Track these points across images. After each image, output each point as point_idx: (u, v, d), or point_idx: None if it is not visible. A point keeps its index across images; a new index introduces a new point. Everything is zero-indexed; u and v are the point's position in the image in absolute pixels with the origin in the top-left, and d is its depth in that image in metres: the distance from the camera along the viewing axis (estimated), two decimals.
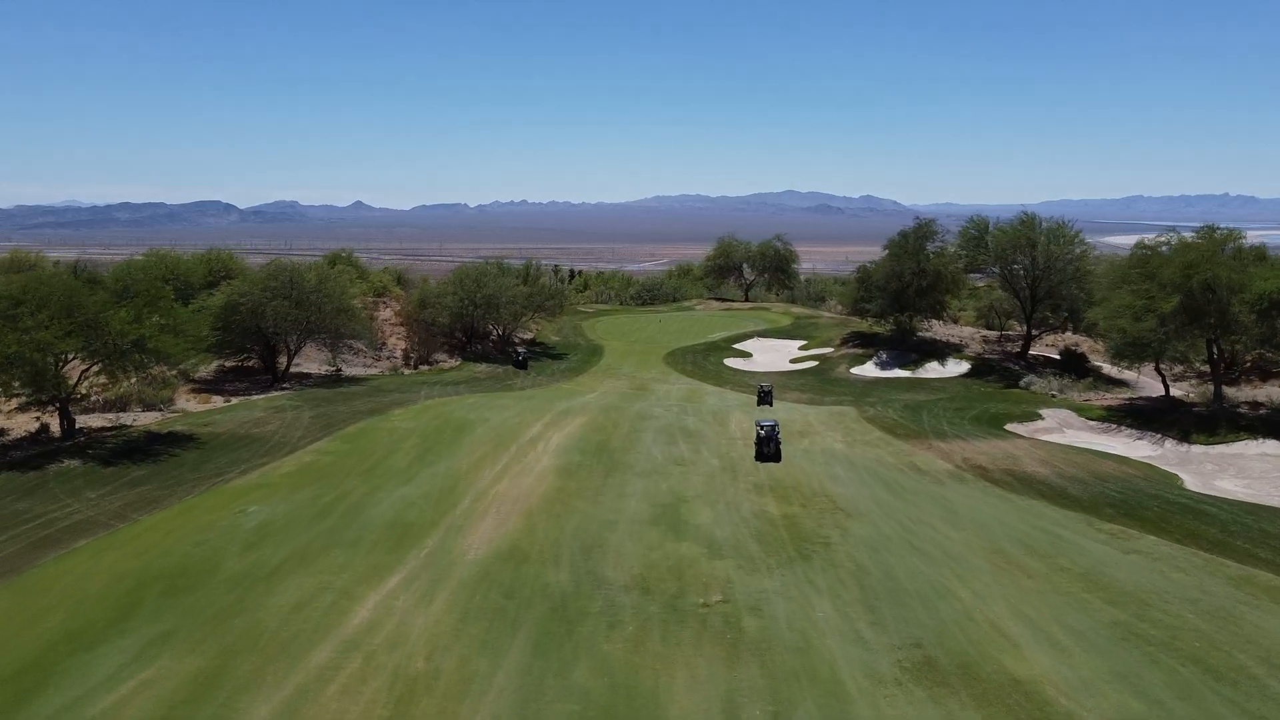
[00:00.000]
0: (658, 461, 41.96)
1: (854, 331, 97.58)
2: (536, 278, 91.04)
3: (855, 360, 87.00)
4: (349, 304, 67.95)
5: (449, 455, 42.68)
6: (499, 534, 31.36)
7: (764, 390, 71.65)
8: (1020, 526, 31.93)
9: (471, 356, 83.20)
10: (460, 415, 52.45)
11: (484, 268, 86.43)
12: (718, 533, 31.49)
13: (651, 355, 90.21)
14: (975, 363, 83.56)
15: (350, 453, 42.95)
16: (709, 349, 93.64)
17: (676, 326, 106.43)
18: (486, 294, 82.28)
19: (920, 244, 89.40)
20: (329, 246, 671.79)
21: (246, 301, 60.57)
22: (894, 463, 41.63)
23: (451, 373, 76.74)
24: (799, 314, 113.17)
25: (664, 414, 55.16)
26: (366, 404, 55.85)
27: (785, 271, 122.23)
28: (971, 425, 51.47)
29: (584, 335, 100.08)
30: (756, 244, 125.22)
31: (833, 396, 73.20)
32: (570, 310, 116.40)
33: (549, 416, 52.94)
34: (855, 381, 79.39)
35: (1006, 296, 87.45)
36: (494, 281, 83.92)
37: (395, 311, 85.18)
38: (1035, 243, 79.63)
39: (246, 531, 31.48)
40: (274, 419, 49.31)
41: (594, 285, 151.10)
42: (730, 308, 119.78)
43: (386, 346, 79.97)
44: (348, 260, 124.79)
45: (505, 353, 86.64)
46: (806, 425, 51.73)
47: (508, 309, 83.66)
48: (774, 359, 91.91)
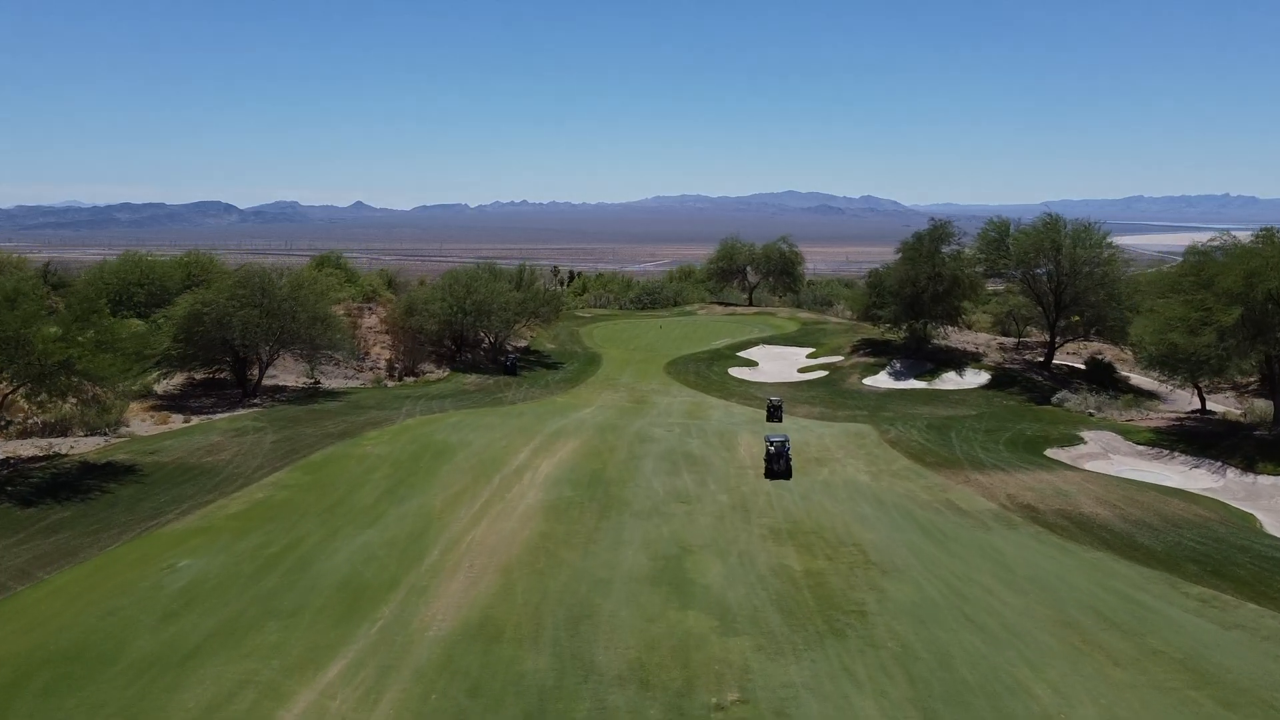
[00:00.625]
0: (659, 497, 36.73)
1: (865, 339, 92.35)
2: (530, 282, 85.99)
3: (867, 370, 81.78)
4: (326, 312, 62.72)
5: (423, 489, 37.46)
6: (470, 598, 26.17)
7: (773, 405, 66.47)
8: (1091, 589, 26.71)
9: (461, 367, 77.98)
10: (440, 438, 47.21)
11: (474, 272, 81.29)
12: (730, 596, 26.29)
13: (652, 364, 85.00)
14: (995, 373, 78.34)
15: (311, 486, 37.73)
16: (712, 358, 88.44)
17: (678, 333, 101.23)
18: (477, 300, 77.10)
19: (935, 247, 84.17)
20: (329, 247, 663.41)
21: (211, 311, 55.34)
22: (928, 499, 36.38)
23: (438, 385, 71.52)
24: (806, 319, 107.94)
25: (665, 436, 49.93)
26: (339, 424, 50.62)
27: (791, 275, 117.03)
28: (1008, 451, 46.21)
29: (581, 342, 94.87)
30: (761, 246, 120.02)
31: (846, 410, 68.02)
32: (567, 315, 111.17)
33: (539, 439, 47.72)
34: (869, 394, 74.17)
35: (1027, 302, 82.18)
36: (485, 287, 78.74)
37: (380, 319, 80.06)
38: (1060, 246, 74.39)
39: (170, 595, 26.29)
40: (231, 444, 44.07)
41: (593, 288, 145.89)
42: (734, 312, 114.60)
43: (370, 356, 74.77)
44: (336, 263, 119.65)
45: (497, 362, 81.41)
46: (823, 450, 46.46)
47: (499, 316, 78.49)
48: (781, 368, 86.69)
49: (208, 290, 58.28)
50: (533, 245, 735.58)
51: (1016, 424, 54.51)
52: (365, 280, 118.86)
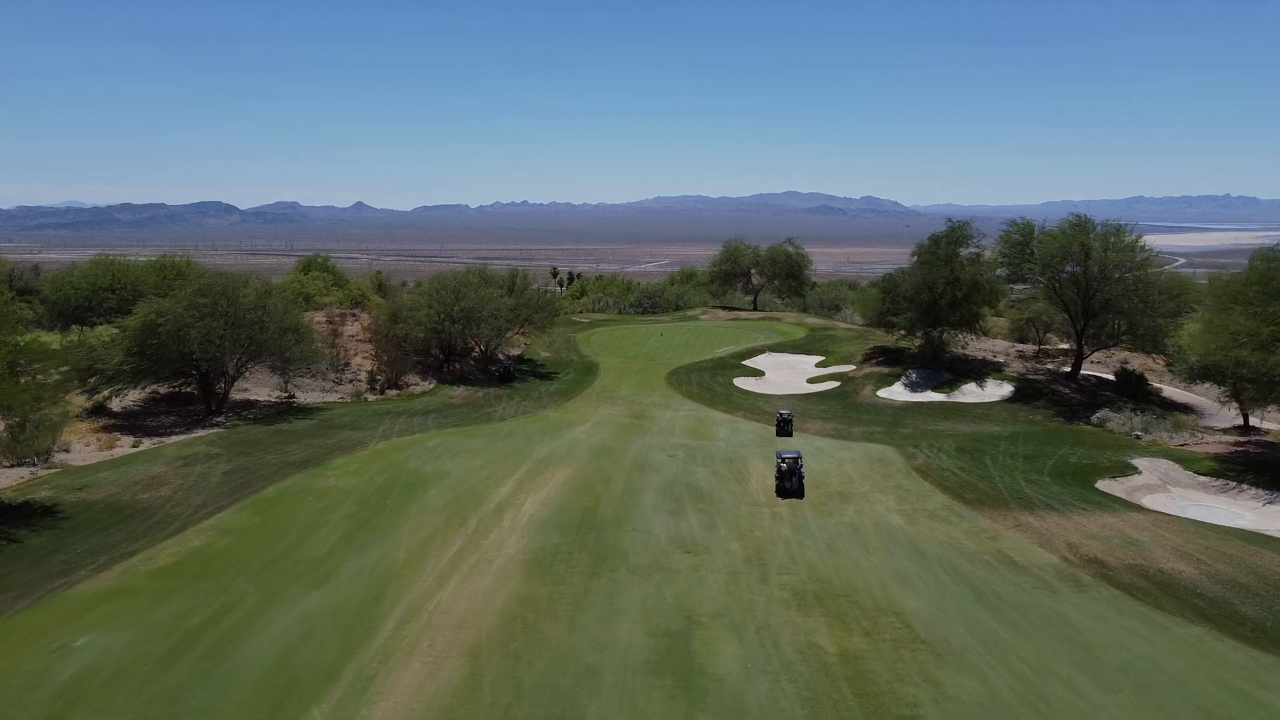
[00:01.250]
0: (660, 545, 31.37)
1: (877, 346, 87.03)
2: (523, 288, 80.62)
3: (882, 381, 76.41)
4: (297, 322, 57.33)
5: (386, 534, 32.11)
6: (424, 695, 20.84)
7: (783, 418, 61.34)
8: (1199, 684, 21.34)
9: (448, 378, 72.62)
10: (414, 467, 41.85)
11: (463, 277, 75.92)
12: (750, 694, 20.95)
13: (652, 375, 79.64)
14: (1018, 384, 73.00)
15: (258, 530, 32.40)
16: (716, 367, 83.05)
17: (679, 340, 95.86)
18: (465, 307, 71.75)
19: (953, 250, 78.82)
20: (330, 247, 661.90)
21: (167, 322, 49.93)
22: (975, 550, 30.98)
23: (423, 399, 66.18)
24: (813, 325, 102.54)
25: (667, 463, 44.56)
26: (305, 449, 45.25)
27: (797, 278, 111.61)
28: (1055, 483, 40.78)
29: (578, 350, 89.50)
30: (765, 248, 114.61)
31: (861, 427, 62.71)
32: (564, 321, 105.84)
33: (525, 467, 42.36)
34: (884, 408, 68.81)
35: (1051, 309, 76.80)
36: (474, 293, 73.39)
37: (363, 326, 74.71)
38: (1089, 249, 69.00)
39: (52, 692, 20.96)
40: (176, 476, 38.73)
41: (591, 291, 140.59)
42: (738, 317, 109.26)
43: (350, 367, 69.40)
44: (324, 266, 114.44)
45: (488, 372, 76.07)
46: (845, 481, 41.07)
47: (490, 324, 73.12)
48: (789, 378, 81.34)
49: (164, 299, 52.86)
50: (533, 245, 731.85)
51: (1057, 448, 49.05)
52: (354, 284, 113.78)
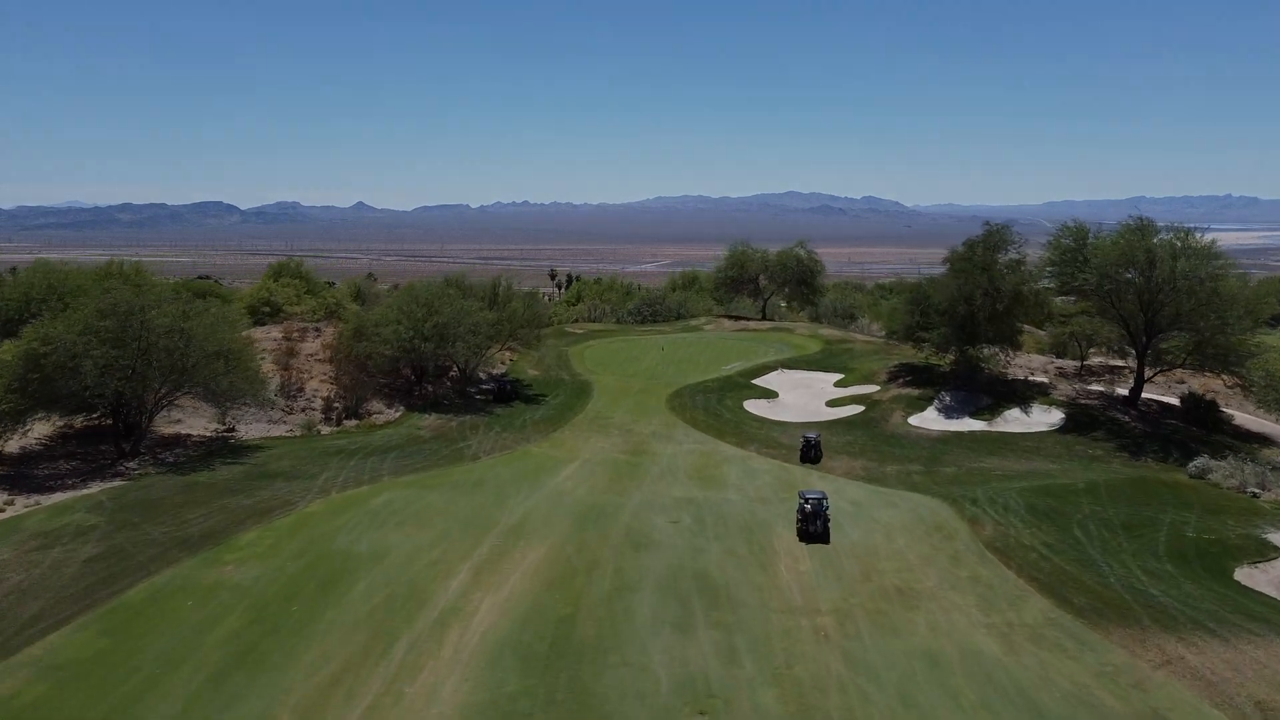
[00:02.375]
0: (661, 696, 21.81)
1: (902, 364, 77.37)
2: (507, 299, 70.83)
3: (911, 405, 66.77)
4: (228, 345, 47.64)
5: (274, 674, 22.56)
6: None
7: (810, 442, 53.78)
8: None
9: (419, 404, 63.04)
10: (344, 545, 32.28)
11: (438, 288, 66.08)
12: None
13: (652, 396, 70.02)
14: (1069, 410, 63.40)
15: (97, 666, 22.86)
16: (724, 387, 73.40)
17: (682, 354, 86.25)
18: (439, 323, 62.16)
19: (991, 256, 69.26)
20: (330, 247, 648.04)
21: (54, 351, 40.30)
22: (1122, 710, 21.31)
23: (385, 431, 56.66)
24: (829, 337, 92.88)
25: (669, 533, 34.99)
26: (212, 514, 35.66)
27: (810, 285, 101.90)
28: (1180, 573, 31.10)
29: (570, 367, 79.84)
30: (775, 252, 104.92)
31: (895, 463, 53.21)
32: (555, 332, 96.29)
33: (489, 542, 32.82)
34: (919, 439, 59.23)
35: (1105, 324, 67.10)
36: (450, 306, 63.75)
37: (323, 344, 65.14)
38: (1154, 257, 59.41)
39: None
40: (21, 565, 29.17)
41: (588, 297, 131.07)
42: (745, 328, 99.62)
43: (305, 393, 59.78)
44: (296, 271, 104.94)
45: (466, 395, 66.57)
46: (901, 566, 31.40)
47: (467, 341, 63.49)
48: (806, 400, 71.72)
49: (55, 322, 43.14)
50: (534, 245, 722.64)
51: (1159, 511, 39.25)
52: (328, 293, 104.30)
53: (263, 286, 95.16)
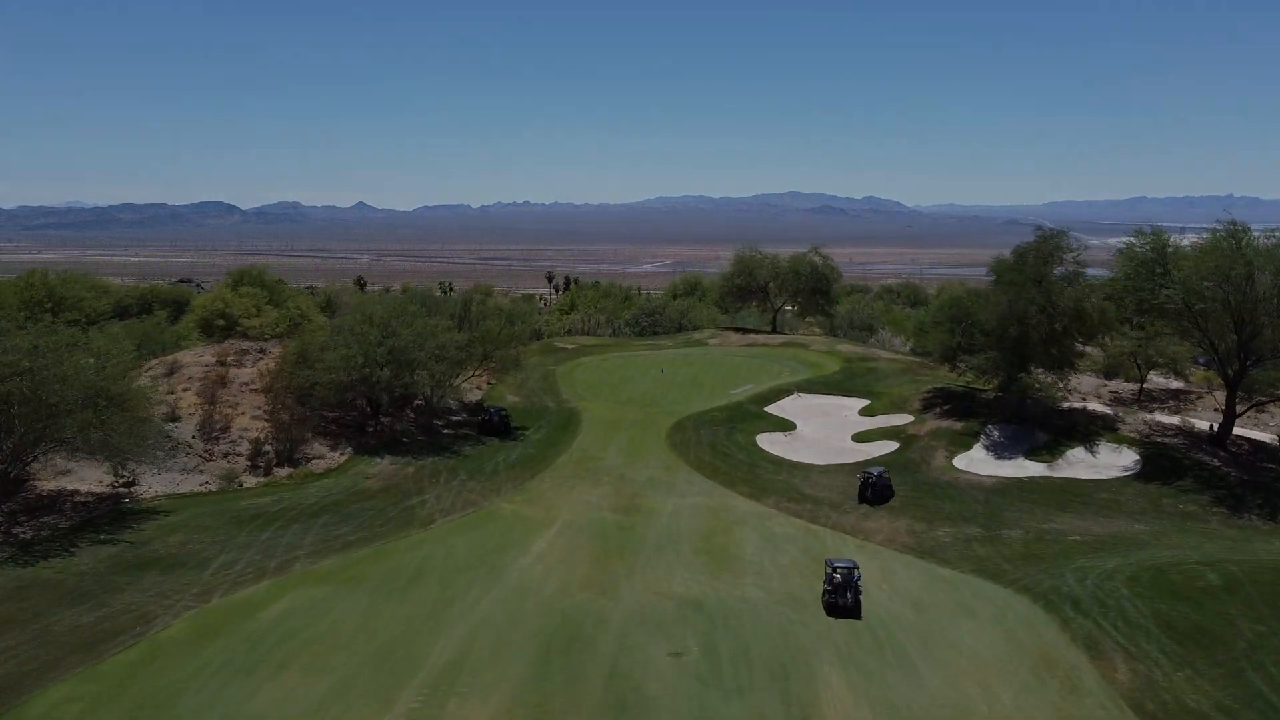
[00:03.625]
0: None
1: (937, 388, 66.90)
2: (480, 316, 60.02)
3: (954, 441, 56.30)
4: (105, 386, 37.16)
5: None
6: None
7: (873, 480, 46.60)
8: None
9: (372, 443, 52.60)
10: (184, 713, 21.84)
11: (398, 305, 55.31)
12: None
13: (650, 429, 59.60)
14: (1144, 450, 53.02)
15: None
16: (732, 416, 62.95)
17: (684, 375, 75.77)
18: (394, 347, 51.70)
19: (1043, 267, 58.90)
20: (330, 247, 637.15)
21: None
22: None
23: (323, 483, 46.24)
24: (848, 354, 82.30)
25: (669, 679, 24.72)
26: (21, 648, 25.20)
27: (825, 295, 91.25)
28: None
29: (556, 391, 69.33)
30: (787, 258, 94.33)
31: (947, 524, 42.97)
32: (544, 347, 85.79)
33: (404, 701, 22.42)
34: (970, 488, 48.81)
35: (1188, 347, 56.67)
36: (409, 327, 53.27)
37: (260, 371, 54.62)
38: (1252, 269, 48.98)
39: None
40: None
41: (583, 306, 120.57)
42: (754, 342, 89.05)
43: (230, 433, 49.26)
44: (259, 279, 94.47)
45: (433, 430, 56.21)
46: None
47: (431, 368, 52.98)
48: (829, 432, 61.29)
49: None
50: (535, 245, 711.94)
51: None
52: (294, 303, 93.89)
53: (217, 296, 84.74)
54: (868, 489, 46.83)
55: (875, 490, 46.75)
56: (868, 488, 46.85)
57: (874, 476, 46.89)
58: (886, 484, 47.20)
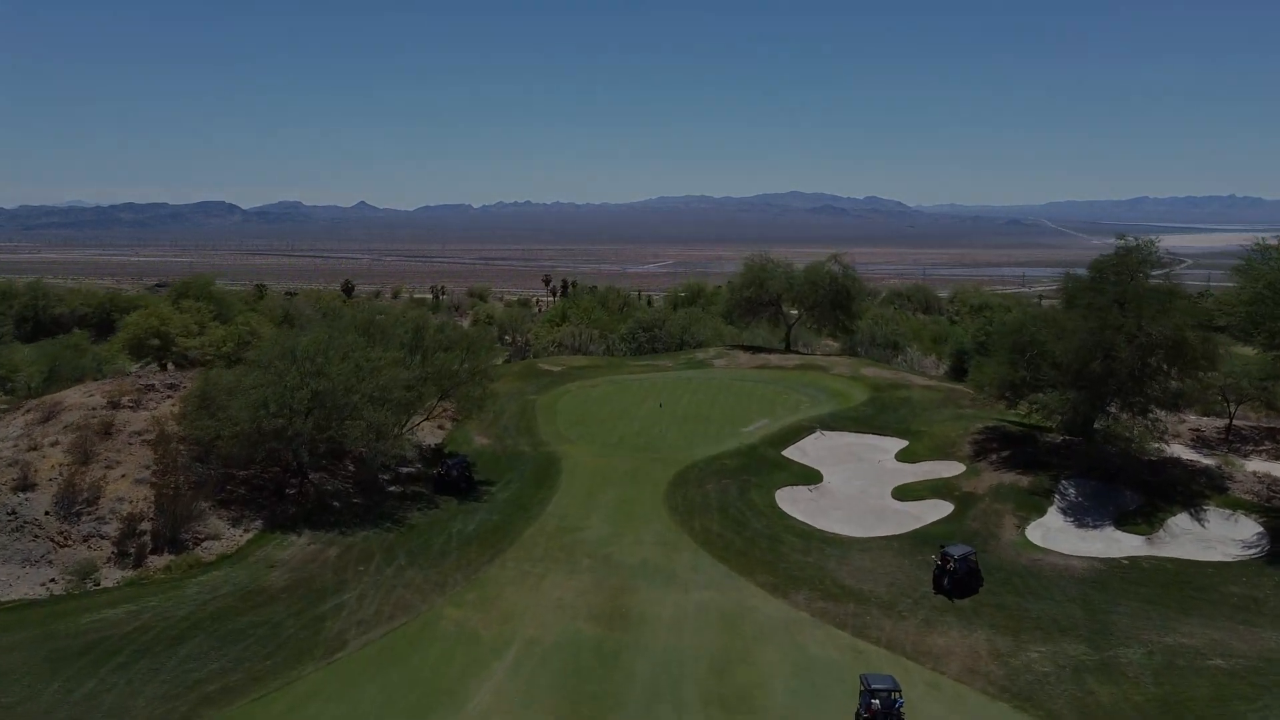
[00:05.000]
0: None
1: (989, 428, 55.36)
2: (436, 346, 47.83)
3: (1022, 502, 44.75)
4: None
5: None
6: None
7: (957, 566, 35.29)
8: None
9: (291, 512, 41.08)
10: None
11: (327, 340, 43.04)
12: None
13: (645, 484, 48.03)
14: (1269, 519, 41.59)
15: None
16: (745, 464, 51.36)
17: (687, 406, 64.17)
18: (319, 390, 40.15)
19: (1128, 286, 47.38)
20: (331, 247, 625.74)
21: None
22: None
23: (213, 574, 34.83)
24: (876, 379, 70.64)
25: None
26: None
27: (847, 310, 79.55)
28: None
29: (534, 430, 57.75)
30: (802, 268, 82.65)
31: (1041, 639, 31.82)
32: (526, 370, 74.17)
33: None
34: (1058, 577, 37.34)
35: None
36: (340, 365, 41.63)
37: (153, 419, 43.04)
38: None
39: None
40: None
41: (575, 316, 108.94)
42: (765, 363, 77.43)
43: (99, 505, 37.70)
44: (202, 292, 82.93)
45: (376, 489, 44.70)
46: None
47: (367, 415, 41.32)
48: (863, 485, 49.76)
49: None
50: (535, 245, 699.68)
51: None
52: (245, 317, 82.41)
53: (152, 313, 73.23)
54: (947, 577, 35.52)
55: (958, 579, 35.41)
56: (947, 575, 35.54)
57: (956, 559, 35.50)
58: (973, 570, 35.88)
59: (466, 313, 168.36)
